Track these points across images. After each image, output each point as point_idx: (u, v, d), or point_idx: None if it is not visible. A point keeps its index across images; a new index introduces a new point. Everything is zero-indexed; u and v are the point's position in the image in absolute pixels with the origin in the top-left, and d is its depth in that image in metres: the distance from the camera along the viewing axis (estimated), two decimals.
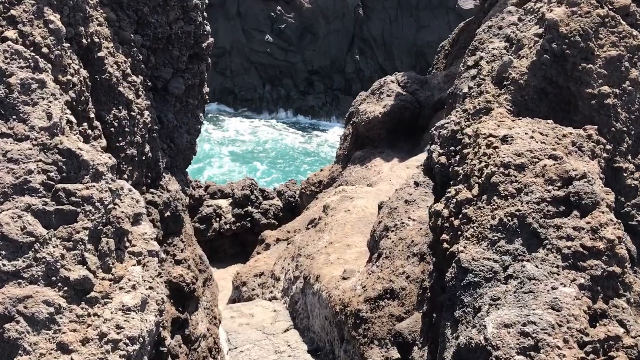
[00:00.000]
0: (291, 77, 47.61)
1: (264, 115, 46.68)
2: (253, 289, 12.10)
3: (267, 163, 37.05)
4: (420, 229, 7.37)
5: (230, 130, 42.64)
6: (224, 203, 19.18)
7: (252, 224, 18.99)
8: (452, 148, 4.56)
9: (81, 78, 4.44)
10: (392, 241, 7.58)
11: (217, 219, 19.00)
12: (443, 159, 4.54)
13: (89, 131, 4.56)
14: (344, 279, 7.99)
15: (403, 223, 7.68)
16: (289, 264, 10.79)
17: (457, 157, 4.35)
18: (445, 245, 3.89)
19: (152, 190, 5.88)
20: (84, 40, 4.56)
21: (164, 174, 6.04)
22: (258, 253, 13.76)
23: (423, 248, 7.00)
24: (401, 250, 7.27)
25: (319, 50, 47.63)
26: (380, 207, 8.50)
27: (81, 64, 4.54)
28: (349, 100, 49.06)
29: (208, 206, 18.91)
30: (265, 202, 19.17)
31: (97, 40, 4.78)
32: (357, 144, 14.87)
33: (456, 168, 4.27)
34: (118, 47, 5.20)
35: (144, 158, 5.51)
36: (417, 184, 8.28)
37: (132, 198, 3.14)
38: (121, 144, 5.13)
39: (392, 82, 14.89)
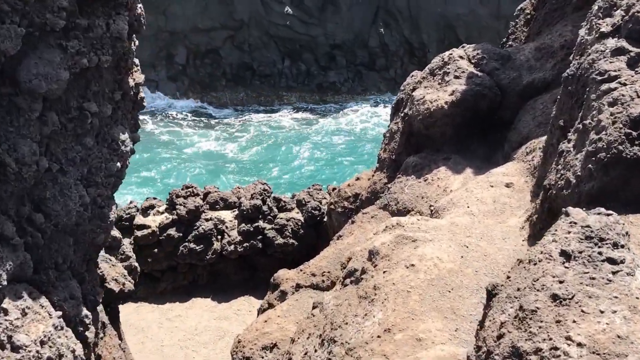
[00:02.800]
0: (312, 51, 47.83)
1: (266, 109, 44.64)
2: None
3: (278, 163, 33.30)
4: None
5: (227, 130, 39.17)
6: (227, 216, 15.65)
7: (264, 244, 15.46)
8: None
9: None
10: None
11: (219, 237, 15.49)
12: None
13: None
14: None
15: (556, 349, 4.07)
16: (315, 350, 7.21)
17: None
18: None
19: None
20: None
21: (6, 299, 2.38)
22: (269, 305, 10.21)
23: None
24: None
25: (342, 23, 46.89)
26: (492, 293, 4.85)
27: None
28: (373, 76, 47.49)
29: (207, 220, 15.41)
30: (281, 214, 15.59)
31: None
32: (410, 146, 11.18)
33: None
34: None
35: None
36: (566, 255, 4.61)
37: None
38: None
39: (461, 57, 11.11)
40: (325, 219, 14.84)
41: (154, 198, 16.07)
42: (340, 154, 34.18)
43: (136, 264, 9.67)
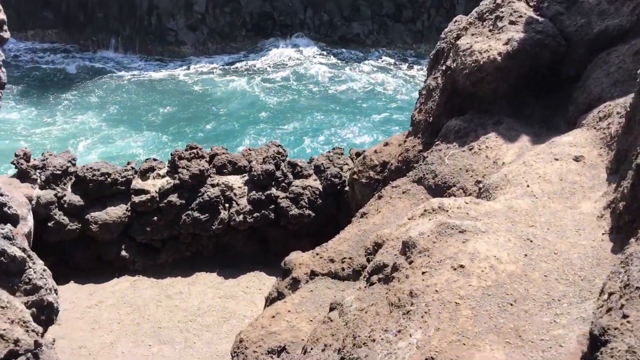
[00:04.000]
0: (335, 0, 45.84)
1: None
2: None
3: (295, 122, 31.36)
4: None
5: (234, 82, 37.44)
6: (236, 181, 14.20)
7: (276, 215, 14.04)
8: None
9: None
10: None
11: (227, 205, 14.09)
12: None
13: None
14: None
15: None
16: None
17: None
18: None
19: None
20: None
21: None
22: (279, 294, 8.80)
23: None
24: None
25: None
26: (600, 339, 3.30)
27: None
28: (399, 28, 45.39)
29: (213, 185, 13.99)
30: (296, 182, 14.10)
31: None
32: (452, 106, 9.55)
33: None
34: None
35: None
36: None
37: None
38: None
39: None
40: (346, 189, 13.28)
41: (154, 159, 14.62)
42: (365, 115, 32.17)
43: (52, 299, 6.96)
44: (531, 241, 6.03)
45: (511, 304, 5.27)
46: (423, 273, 5.76)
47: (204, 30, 43.43)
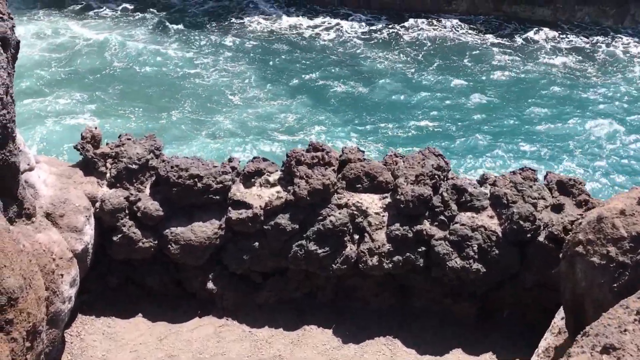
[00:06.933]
0: None
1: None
2: None
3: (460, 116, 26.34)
4: None
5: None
6: (373, 204, 10.38)
7: (427, 261, 10.05)
8: None
9: None
10: None
11: (356, 237, 10.32)
12: None
13: None
14: None
15: None
16: None
17: None
18: None
19: None
20: None
21: None
22: None
23: None
24: None
25: None
26: None
27: None
28: None
29: (340, 206, 10.26)
30: (463, 216, 10.02)
31: None
32: None
33: None
34: None
35: None
36: None
37: None
38: None
39: None
40: (540, 239, 8.91)
41: (264, 159, 11.05)
42: (580, 127, 24.75)
43: None
44: None
45: None
46: None
47: None
